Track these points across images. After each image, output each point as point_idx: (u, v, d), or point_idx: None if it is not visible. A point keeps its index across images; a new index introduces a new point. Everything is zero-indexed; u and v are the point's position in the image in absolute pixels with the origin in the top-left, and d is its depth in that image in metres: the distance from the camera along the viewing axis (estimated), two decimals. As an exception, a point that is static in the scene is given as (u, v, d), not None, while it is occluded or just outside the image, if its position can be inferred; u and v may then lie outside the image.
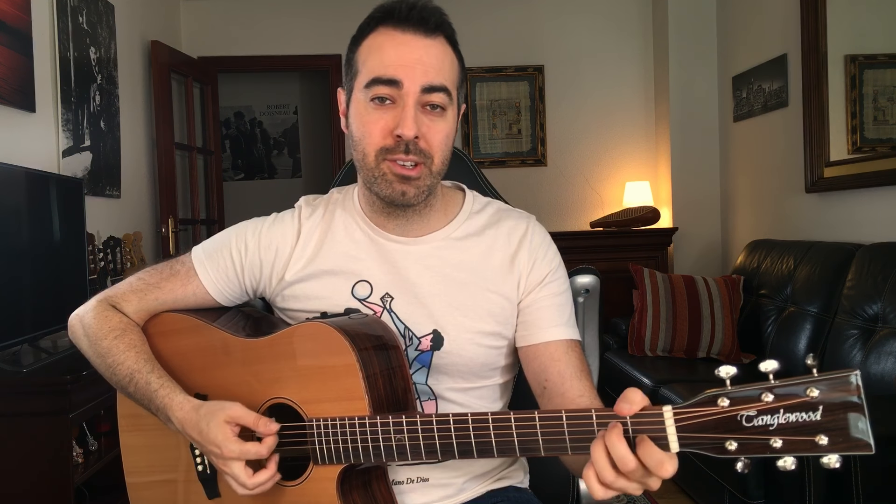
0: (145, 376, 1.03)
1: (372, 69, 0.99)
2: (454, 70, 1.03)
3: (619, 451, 0.75)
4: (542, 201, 4.60)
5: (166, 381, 1.03)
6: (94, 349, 1.08)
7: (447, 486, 1.09)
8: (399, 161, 0.99)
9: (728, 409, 0.71)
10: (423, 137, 0.99)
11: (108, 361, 1.07)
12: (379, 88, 0.98)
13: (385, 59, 0.99)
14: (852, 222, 3.03)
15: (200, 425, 0.96)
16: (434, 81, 0.99)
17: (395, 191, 1.00)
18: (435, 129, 1.00)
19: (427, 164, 1.01)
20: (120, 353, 1.06)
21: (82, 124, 3.11)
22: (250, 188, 6.18)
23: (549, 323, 1.07)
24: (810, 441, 0.68)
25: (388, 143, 0.99)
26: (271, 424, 0.95)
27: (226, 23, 4.60)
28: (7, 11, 2.51)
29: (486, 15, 4.57)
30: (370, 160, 1.01)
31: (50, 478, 2.03)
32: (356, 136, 1.03)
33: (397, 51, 0.98)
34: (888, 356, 2.29)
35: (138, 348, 1.07)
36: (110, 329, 1.08)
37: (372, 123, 1.00)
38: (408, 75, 0.98)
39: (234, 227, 1.15)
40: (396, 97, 0.99)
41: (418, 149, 0.99)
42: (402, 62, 0.98)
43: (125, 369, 1.05)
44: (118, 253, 3.06)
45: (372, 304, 1.07)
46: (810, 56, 3.19)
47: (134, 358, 1.05)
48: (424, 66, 0.98)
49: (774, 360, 0.70)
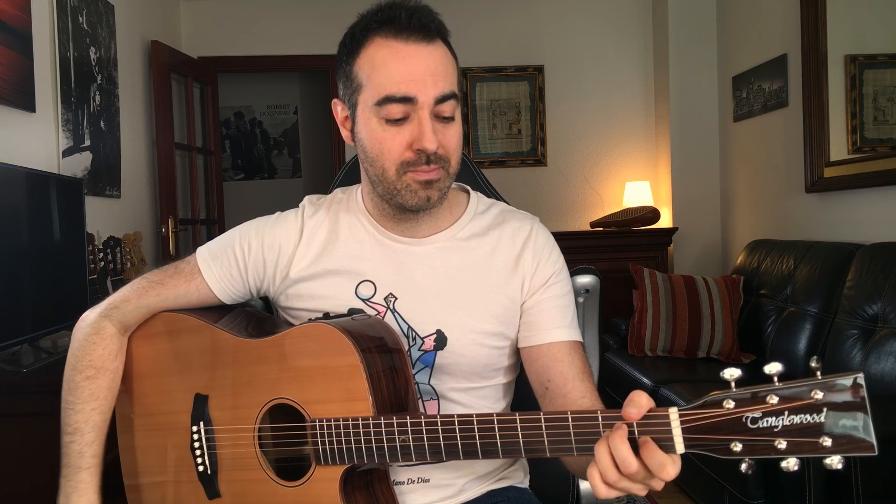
0: (82, 447, 1.08)
1: (381, 86, 0.98)
2: (456, 72, 1.04)
3: (621, 452, 0.75)
4: (542, 201, 4.60)
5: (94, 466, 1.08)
6: (68, 377, 1.11)
7: (448, 487, 1.09)
8: (422, 170, 0.99)
9: (733, 411, 0.72)
10: (442, 145, 1.00)
11: (69, 398, 1.10)
12: (392, 108, 0.97)
13: (394, 76, 0.97)
14: (852, 222, 3.03)
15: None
16: (445, 91, 0.98)
17: (421, 198, 1.01)
18: (449, 134, 1.01)
19: (446, 168, 1.01)
20: (81, 400, 1.09)
21: (82, 124, 3.11)
22: (250, 188, 6.18)
23: (553, 324, 1.08)
24: (814, 443, 0.68)
25: (408, 157, 0.99)
26: None
27: (226, 23, 4.59)
28: (7, 11, 2.51)
29: (487, 15, 4.57)
30: (391, 175, 1.00)
31: (50, 478, 2.03)
32: (372, 154, 1.01)
33: (405, 65, 0.97)
34: (888, 356, 2.29)
35: (98, 402, 1.10)
36: (88, 365, 1.10)
37: (389, 140, 0.99)
38: (421, 90, 0.97)
39: (238, 226, 1.16)
40: (410, 112, 0.98)
41: (438, 157, 0.99)
42: (413, 77, 0.97)
43: (73, 420, 1.08)
44: (118, 253, 3.06)
45: (375, 304, 1.07)
46: (810, 56, 3.19)
47: (87, 415, 1.08)
48: (434, 76, 0.98)
49: (778, 363, 0.70)
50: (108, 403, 1.11)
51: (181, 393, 1.10)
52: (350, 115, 1.05)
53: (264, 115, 6.26)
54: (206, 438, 1.07)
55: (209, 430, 1.07)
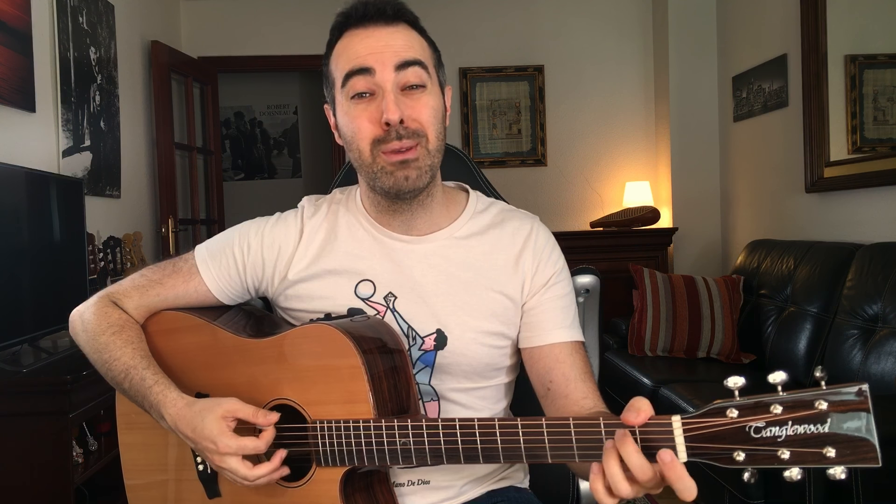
0: (140, 372, 1.03)
1: (343, 67, 1.01)
2: (425, 49, 1.04)
3: (634, 460, 0.74)
4: (542, 201, 4.60)
5: (161, 377, 1.03)
6: (92, 344, 1.08)
7: (448, 489, 1.08)
8: (393, 149, 0.99)
9: (737, 420, 0.71)
10: (410, 117, 0.99)
11: (105, 357, 1.06)
12: (354, 81, 0.99)
13: (352, 54, 1.00)
14: (852, 222, 3.03)
15: (195, 421, 0.95)
16: (406, 57, 0.99)
17: (398, 179, 1.00)
18: (419, 105, 1.00)
19: (423, 144, 1.00)
20: (117, 348, 1.05)
21: (82, 124, 3.11)
22: (250, 188, 6.18)
23: (554, 325, 1.07)
24: (818, 453, 0.68)
25: (378, 134, 0.99)
26: (270, 415, 0.95)
27: (226, 23, 4.59)
28: (7, 11, 2.50)
29: (486, 15, 4.56)
30: (366, 156, 1.01)
31: (50, 478, 2.03)
32: (348, 137, 1.03)
33: (364, 43, 1.00)
34: (888, 356, 2.29)
35: (135, 344, 1.07)
36: (109, 325, 1.08)
37: (358, 118, 1.00)
38: (378, 60, 0.99)
39: (237, 226, 1.15)
40: (375, 88, 0.99)
41: (409, 131, 0.99)
42: (370, 51, 0.99)
43: (121, 365, 1.04)
44: (118, 253, 3.06)
45: (375, 304, 1.07)
46: (810, 56, 3.19)
47: (130, 354, 1.05)
48: (393, 48, 0.99)
49: (783, 372, 0.70)
50: (144, 346, 1.07)
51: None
52: (334, 113, 1.07)
53: (264, 115, 6.26)
54: (207, 438, 1.07)
55: (210, 431, 1.07)
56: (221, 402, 0.96)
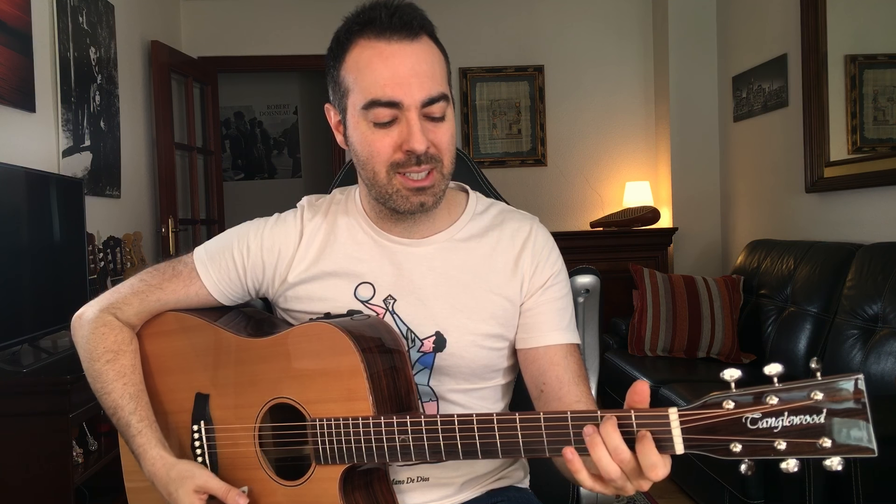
0: (126, 417, 1.06)
1: (366, 90, 0.97)
2: (444, 69, 1.02)
3: (613, 440, 0.76)
4: (542, 201, 4.60)
5: (144, 427, 1.05)
6: (87, 368, 1.11)
7: (447, 486, 1.09)
8: (410, 174, 0.99)
9: (733, 412, 0.72)
10: (431, 144, 0.99)
11: (97, 386, 1.09)
12: (379, 112, 0.97)
13: (378, 79, 0.96)
14: (852, 222, 3.03)
15: (169, 488, 1.01)
16: (433, 93, 0.97)
17: (413, 204, 1.00)
18: (440, 133, 1.00)
19: (438, 168, 1.01)
20: (109, 381, 1.08)
21: (82, 124, 3.11)
22: (250, 188, 6.18)
23: (550, 327, 1.07)
24: (814, 444, 0.68)
25: (397, 158, 0.98)
26: (241, 497, 0.98)
27: (226, 23, 4.60)
28: (7, 11, 2.51)
29: (487, 15, 4.57)
30: (381, 178, 1.00)
31: (50, 478, 2.03)
32: (362, 157, 1.01)
33: (387, 66, 0.96)
34: (888, 356, 2.29)
35: (126, 378, 1.08)
36: (105, 350, 1.09)
37: (378, 143, 0.98)
38: (406, 93, 0.96)
39: (236, 227, 1.15)
40: (398, 115, 0.97)
41: (429, 156, 0.99)
42: (397, 80, 0.96)
43: (110, 401, 1.07)
44: (118, 253, 3.06)
45: (374, 306, 1.07)
46: (810, 56, 3.19)
47: (119, 392, 1.07)
48: (419, 77, 0.96)
49: (778, 364, 0.70)
50: (137, 377, 1.10)
51: (182, 392, 1.10)
52: (342, 120, 1.05)
53: (264, 115, 6.26)
54: (207, 438, 1.07)
55: (210, 430, 1.07)
56: (195, 476, 1.00)
